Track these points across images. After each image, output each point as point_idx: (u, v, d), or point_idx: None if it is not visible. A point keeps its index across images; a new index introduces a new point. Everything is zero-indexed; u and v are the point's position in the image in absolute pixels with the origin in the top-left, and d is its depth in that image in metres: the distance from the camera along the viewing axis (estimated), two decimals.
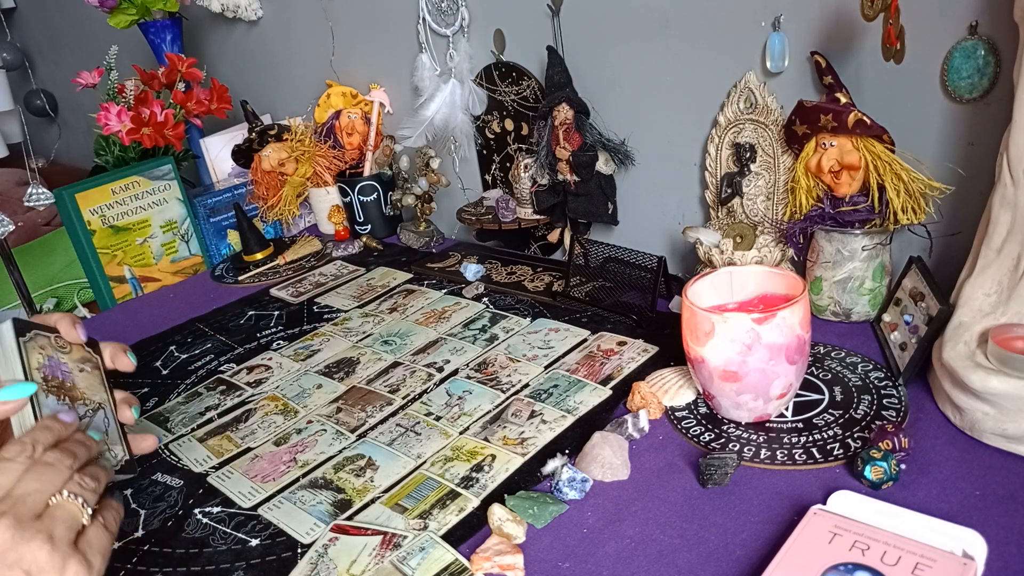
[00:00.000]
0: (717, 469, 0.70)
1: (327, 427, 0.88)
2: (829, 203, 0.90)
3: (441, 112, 1.31)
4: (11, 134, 2.59)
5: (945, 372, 0.73)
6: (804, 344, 0.74)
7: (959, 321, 0.76)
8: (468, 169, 1.39)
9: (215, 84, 1.59)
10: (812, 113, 0.88)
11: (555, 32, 1.14)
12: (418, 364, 0.98)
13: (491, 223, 1.26)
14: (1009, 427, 0.68)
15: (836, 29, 0.90)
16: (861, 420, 0.75)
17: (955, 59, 0.83)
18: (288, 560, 0.70)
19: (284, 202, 1.46)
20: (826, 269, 0.92)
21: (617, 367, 0.91)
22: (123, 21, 1.62)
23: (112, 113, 1.44)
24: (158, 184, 1.45)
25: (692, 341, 0.76)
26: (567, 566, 0.65)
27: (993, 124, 0.82)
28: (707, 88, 1.03)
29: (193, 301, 1.29)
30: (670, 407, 0.82)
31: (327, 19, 1.51)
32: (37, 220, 1.97)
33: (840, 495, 0.64)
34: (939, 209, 0.88)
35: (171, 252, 1.47)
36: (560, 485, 0.72)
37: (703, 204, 1.10)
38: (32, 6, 2.53)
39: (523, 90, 1.22)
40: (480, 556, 0.65)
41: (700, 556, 0.63)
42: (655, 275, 1.01)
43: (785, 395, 0.76)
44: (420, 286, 1.21)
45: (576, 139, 1.10)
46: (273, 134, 1.44)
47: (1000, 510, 0.63)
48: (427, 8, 1.29)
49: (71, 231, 1.38)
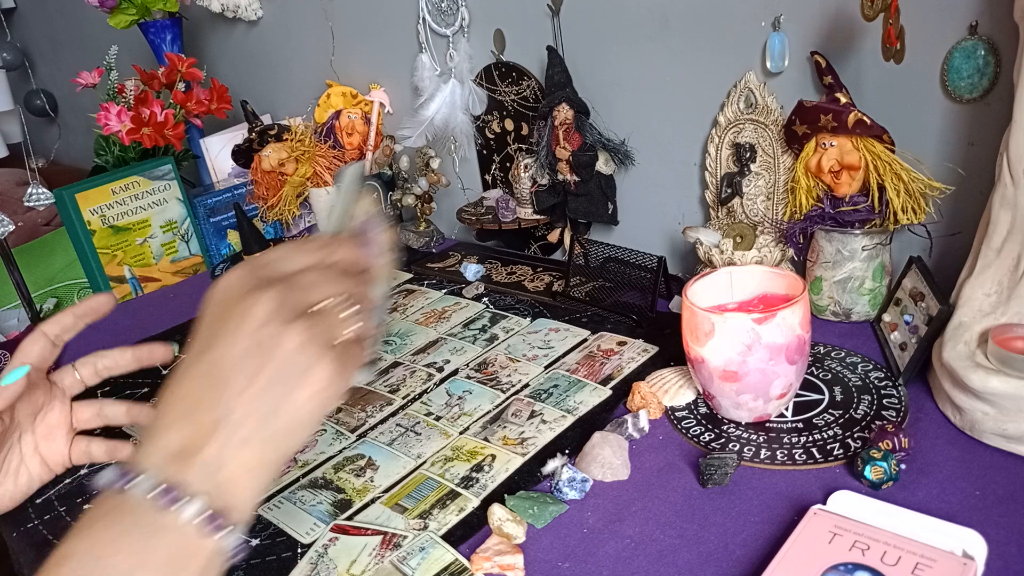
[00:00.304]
0: (717, 469, 0.70)
1: (327, 427, 0.88)
2: (829, 203, 0.90)
3: (441, 112, 1.31)
4: (11, 134, 2.59)
5: (945, 372, 0.73)
6: (804, 344, 0.74)
7: (959, 321, 0.76)
8: (468, 169, 1.39)
9: (215, 84, 1.59)
10: (812, 113, 0.88)
11: (555, 32, 1.14)
12: (418, 364, 0.98)
13: (491, 223, 1.26)
14: (1009, 427, 0.68)
15: (836, 29, 0.90)
16: (861, 420, 0.75)
17: (955, 59, 0.83)
18: (288, 560, 0.70)
19: (284, 202, 1.45)
20: (826, 269, 0.92)
21: (617, 367, 0.91)
22: (123, 21, 1.62)
23: (112, 113, 1.44)
24: (158, 184, 1.45)
25: (692, 341, 0.76)
26: (567, 566, 0.65)
27: (993, 124, 0.82)
28: (707, 88, 1.02)
29: (193, 301, 1.28)
30: (670, 407, 0.82)
31: (327, 19, 1.51)
32: (37, 220, 1.97)
33: (840, 495, 0.64)
34: (939, 209, 0.88)
35: (171, 252, 1.47)
36: (560, 485, 0.72)
37: (703, 204, 1.10)
38: (32, 6, 2.53)
39: (523, 90, 1.22)
40: (480, 556, 0.65)
41: (700, 556, 0.63)
42: (655, 275, 1.01)
43: (785, 395, 0.76)
44: (420, 286, 1.21)
45: (576, 139, 1.10)
46: (273, 134, 1.44)
47: (1000, 510, 0.63)
48: (427, 8, 1.29)
49: (71, 231, 1.38)
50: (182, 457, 0.42)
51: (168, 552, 0.40)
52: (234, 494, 0.42)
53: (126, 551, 0.40)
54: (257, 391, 0.42)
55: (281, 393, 0.43)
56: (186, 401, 0.43)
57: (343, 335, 0.46)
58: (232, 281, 0.46)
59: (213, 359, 0.43)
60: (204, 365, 0.44)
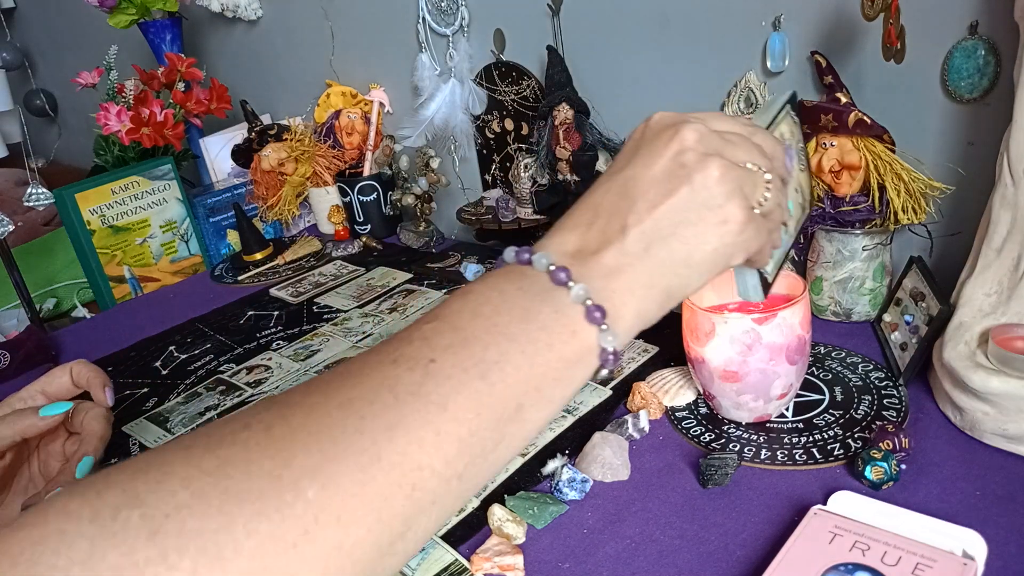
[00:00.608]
0: (717, 469, 0.70)
1: None
2: (829, 203, 0.90)
3: (441, 112, 1.31)
4: (11, 134, 2.59)
5: (945, 372, 0.73)
6: (804, 344, 0.74)
7: (959, 321, 0.75)
8: (468, 169, 1.39)
9: (215, 84, 1.59)
10: (812, 113, 0.88)
11: (555, 32, 1.14)
12: None
13: (491, 223, 1.26)
14: (1009, 427, 0.68)
15: (836, 29, 0.90)
16: (861, 420, 0.75)
17: (955, 59, 0.83)
18: None
19: (284, 202, 1.45)
20: (826, 269, 0.92)
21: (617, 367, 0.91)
22: (123, 21, 1.62)
23: (112, 113, 1.44)
24: (158, 184, 1.45)
25: (692, 341, 0.76)
26: (567, 566, 0.65)
27: (993, 124, 0.82)
28: (707, 88, 1.02)
29: (193, 301, 1.29)
30: (670, 407, 0.82)
31: (327, 19, 1.51)
32: (37, 220, 1.97)
33: (840, 495, 0.64)
34: (939, 209, 0.88)
35: (171, 252, 1.47)
36: (560, 485, 0.72)
37: None
38: (32, 6, 2.53)
39: (523, 90, 1.22)
40: (480, 556, 0.65)
41: (700, 556, 0.63)
42: None
43: (785, 395, 0.76)
44: (420, 286, 1.21)
45: (576, 139, 1.09)
46: (273, 134, 1.44)
47: (1000, 510, 0.63)
48: (427, 8, 1.29)
49: (71, 231, 1.38)
50: (580, 256, 0.42)
51: (546, 321, 0.40)
52: (621, 302, 0.41)
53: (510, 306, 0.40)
54: (668, 208, 0.42)
55: (691, 217, 0.42)
56: (594, 210, 0.44)
57: (763, 201, 0.45)
58: (663, 117, 0.46)
59: (630, 175, 0.44)
60: (619, 180, 0.44)
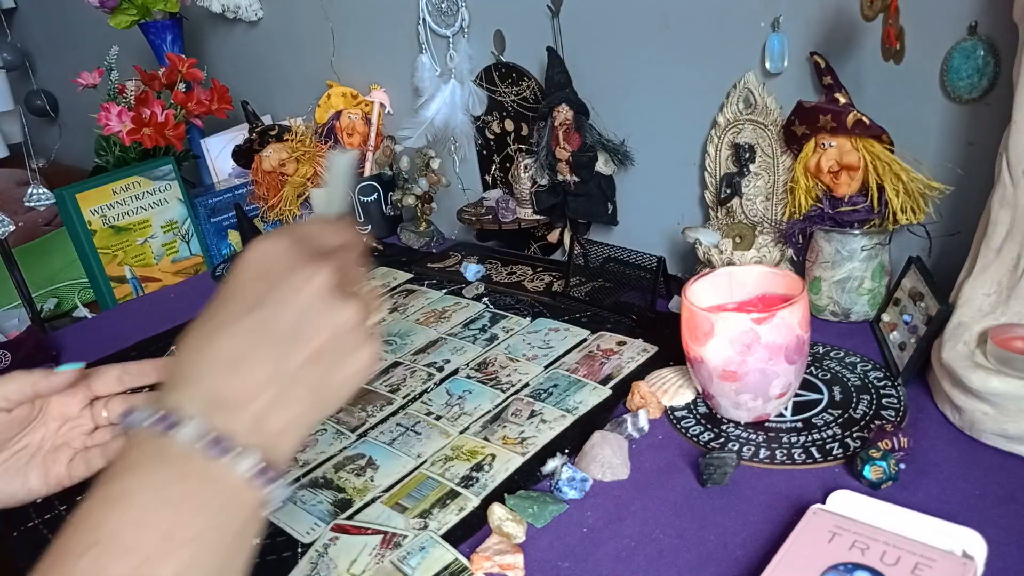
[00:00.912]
0: (717, 469, 0.70)
1: (327, 426, 0.88)
2: (828, 203, 0.90)
3: (441, 113, 1.31)
4: (11, 134, 2.58)
5: (945, 372, 0.74)
6: (803, 344, 0.74)
7: (959, 321, 0.76)
8: (468, 169, 1.39)
9: (215, 84, 1.59)
10: (811, 113, 0.88)
11: (555, 32, 1.14)
12: (418, 364, 0.98)
13: (491, 223, 1.26)
14: (1009, 427, 0.68)
15: (836, 29, 0.90)
16: (860, 420, 0.76)
17: (955, 59, 0.83)
18: (288, 559, 0.70)
19: (285, 202, 1.45)
20: (825, 269, 0.92)
21: (617, 367, 0.91)
22: (123, 21, 1.62)
23: (113, 113, 1.44)
24: (159, 184, 1.45)
25: (692, 341, 0.76)
26: (567, 565, 0.65)
27: (993, 124, 0.82)
28: (706, 88, 1.03)
29: (193, 301, 1.29)
30: (670, 407, 0.82)
31: (327, 19, 1.51)
32: (37, 220, 1.97)
33: (839, 495, 0.64)
34: (938, 209, 0.88)
35: (172, 252, 1.47)
36: (560, 484, 0.72)
37: (702, 204, 1.10)
38: (32, 6, 2.53)
39: (523, 91, 1.22)
40: (480, 555, 0.65)
41: (700, 556, 0.64)
42: (655, 275, 1.01)
43: (784, 395, 0.76)
44: (420, 286, 1.21)
45: (576, 139, 1.10)
46: (274, 134, 1.44)
47: (1000, 510, 0.63)
48: (427, 8, 1.29)
49: (71, 231, 1.38)
50: (229, 407, 0.42)
51: (217, 503, 0.40)
52: (280, 447, 0.43)
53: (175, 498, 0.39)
54: (314, 357, 0.44)
55: (334, 364, 0.45)
56: (232, 353, 0.43)
57: (374, 322, 0.47)
58: (278, 248, 0.46)
59: (263, 318, 0.44)
60: (251, 322, 0.44)
